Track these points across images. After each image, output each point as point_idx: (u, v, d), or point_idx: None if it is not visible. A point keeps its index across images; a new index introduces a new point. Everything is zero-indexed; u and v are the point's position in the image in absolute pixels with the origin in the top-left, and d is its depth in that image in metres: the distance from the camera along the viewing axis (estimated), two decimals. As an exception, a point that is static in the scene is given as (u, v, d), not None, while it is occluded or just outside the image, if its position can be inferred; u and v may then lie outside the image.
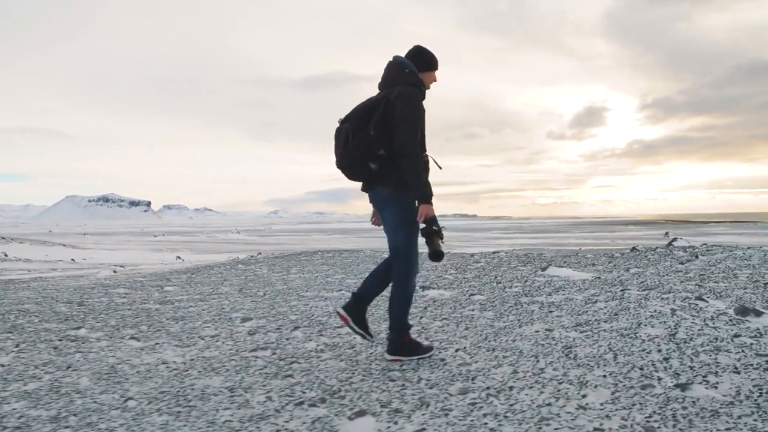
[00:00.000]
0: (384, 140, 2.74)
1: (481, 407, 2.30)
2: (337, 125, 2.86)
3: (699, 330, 3.28)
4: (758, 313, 3.57)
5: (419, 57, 2.94)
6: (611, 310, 3.93)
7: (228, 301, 5.33)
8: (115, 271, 10.11)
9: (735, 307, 3.72)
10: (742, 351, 2.85)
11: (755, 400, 2.22)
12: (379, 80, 2.98)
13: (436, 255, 2.72)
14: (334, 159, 2.88)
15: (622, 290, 4.76)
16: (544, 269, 6.24)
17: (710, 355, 2.80)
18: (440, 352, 3.13)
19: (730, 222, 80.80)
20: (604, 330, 3.40)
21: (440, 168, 2.92)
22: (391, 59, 2.92)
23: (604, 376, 2.58)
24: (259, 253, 13.33)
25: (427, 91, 2.97)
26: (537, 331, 3.46)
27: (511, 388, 2.50)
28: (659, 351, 2.91)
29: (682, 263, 7.44)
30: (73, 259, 19.04)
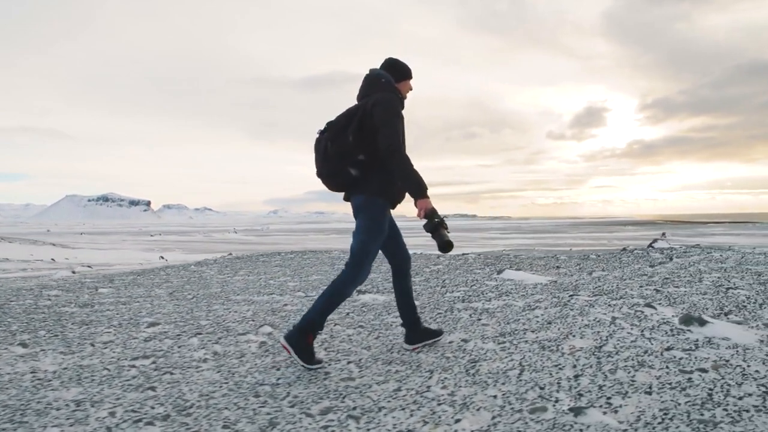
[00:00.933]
0: (363, 146, 2.78)
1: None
2: (317, 136, 2.90)
3: (631, 342, 2.94)
4: (702, 323, 3.21)
5: (394, 68, 3.04)
6: (546, 319, 3.58)
7: (151, 304, 4.97)
8: (74, 272, 9.76)
9: (681, 316, 3.38)
10: (667, 367, 2.50)
11: (654, 428, 1.87)
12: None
13: (446, 246, 2.59)
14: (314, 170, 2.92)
15: (570, 296, 4.42)
16: (499, 272, 5.90)
17: (629, 372, 2.45)
18: (330, 364, 2.79)
19: (729, 222, 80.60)
20: (526, 341, 3.05)
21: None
22: (367, 72, 3.02)
23: (495, 396, 2.23)
24: (230, 254, 12.97)
25: (405, 100, 3.04)
26: (451, 342, 3.11)
27: (380, 408, 2.15)
28: (574, 367, 2.56)
29: (652, 266, 7.09)
30: (53, 259, 18.69)
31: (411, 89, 3.09)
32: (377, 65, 3.08)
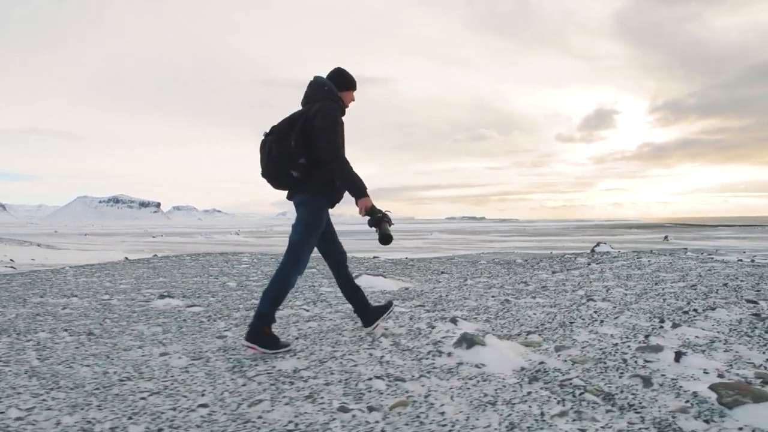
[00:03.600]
0: (304, 151, 2.96)
1: None
2: (262, 138, 3.07)
3: (351, 367, 2.60)
4: (471, 344, 2.86)
5: (339, 78, 3.21)
6: (319, 329, 3.30)
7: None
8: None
9: (461, 335, 3.02)
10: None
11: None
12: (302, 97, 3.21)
13: (385, 238, 2.82)
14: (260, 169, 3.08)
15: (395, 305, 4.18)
16: (356, 277, 5.62)
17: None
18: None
19: (740, 226, 79.32)
20: (217, 360, 2.75)
21: None
22: (312, 79, 3.18)
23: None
24: (155, 255, 12.77)
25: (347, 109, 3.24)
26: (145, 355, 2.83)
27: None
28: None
29: (554, 272, 6.71)
30: (11, 260, 18.59)
31: (353, 100, 3.29)
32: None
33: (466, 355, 2.79)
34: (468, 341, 2.89)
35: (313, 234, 3.05)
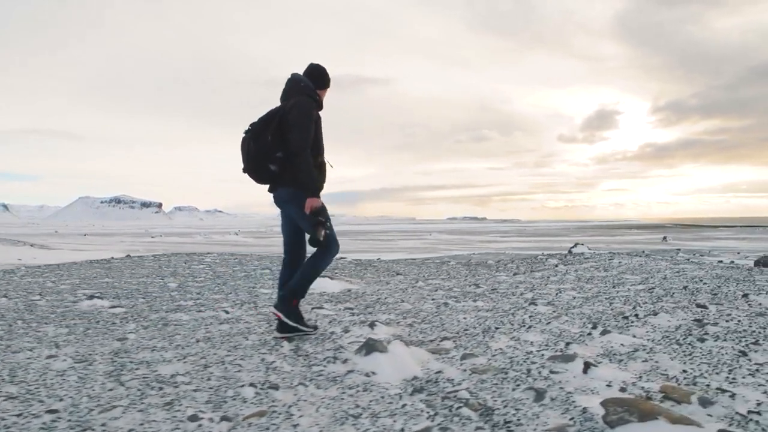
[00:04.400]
0: (281, 144, 3.05)
1: None
2: (243, 136, 3.14)
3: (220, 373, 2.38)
4: (370, 350, 2.65)
5: (316, 75, 3.27)
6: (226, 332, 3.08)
7: None
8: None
9: (366, 340, 2.80)
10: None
11: None
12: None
13: (314, 242, 2.98)
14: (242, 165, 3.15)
15: (312, 308, 4.01)
16: None
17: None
18: None
19: (741, 226, 78.93)
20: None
21: (332, 167, 3.25)
22: (289, 76, 3.24)
23: None
24: (128, 255, 12.61)
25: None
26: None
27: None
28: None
29: (515, 274, 6.50)
30: (-8, 259, 18.41)
31: (324, 95, 3.34)
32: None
33: (362, 363, 2.57)
34: (368, 347, 2.67)
35: (324, 220, 3.10)
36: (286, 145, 3.04)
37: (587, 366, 2.40)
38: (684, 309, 3.78)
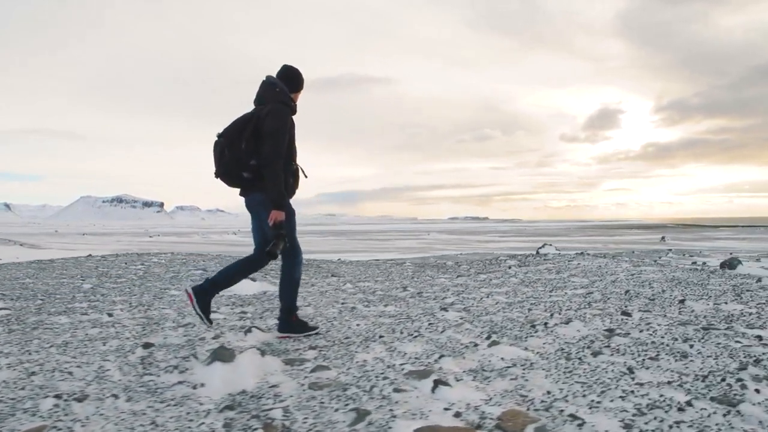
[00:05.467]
0: (255, 152, 2.99)
1: None
2: (215, 139, 3.07)
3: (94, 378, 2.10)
4: (214, 359, 2.38)
5: (290, 78, 3.19)
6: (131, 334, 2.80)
7: None
8: None
9: (218, 348, 2.53)
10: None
11: None
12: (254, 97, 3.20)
13: (270, 255, 3.00)
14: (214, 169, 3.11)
15: (216, 309, 3.72)
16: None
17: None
18: None
19: (742, 226, 78.45)
20: None
21: (306, 177, 3.23)
22: (264, 78, 3.18)
23: None
24: (103, 256, 12.33)
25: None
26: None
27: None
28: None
29: (459, 276, 6.22)
30: (-22, 259, 18.22)
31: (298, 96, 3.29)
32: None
33: (200, 373, 2.30)
34: (213, 356, 2.40)
35: (291, 228, 3.12)
36: (260, 153, 2.99)
37: (436, 384, 2.11)
38: (605, 317, 3.49)
